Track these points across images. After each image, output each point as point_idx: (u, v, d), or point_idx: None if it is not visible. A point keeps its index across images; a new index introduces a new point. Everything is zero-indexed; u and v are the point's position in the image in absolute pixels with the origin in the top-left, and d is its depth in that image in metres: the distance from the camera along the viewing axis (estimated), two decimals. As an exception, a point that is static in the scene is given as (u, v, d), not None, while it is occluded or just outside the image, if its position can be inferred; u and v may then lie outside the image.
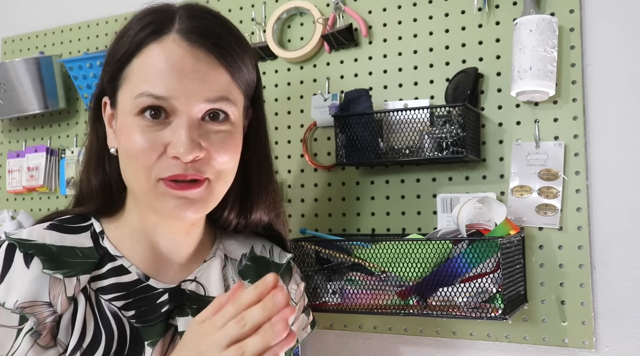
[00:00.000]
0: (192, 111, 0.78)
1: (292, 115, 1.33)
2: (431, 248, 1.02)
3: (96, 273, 0.83)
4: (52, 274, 0.78)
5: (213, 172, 0.80)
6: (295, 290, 1.00)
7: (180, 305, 0.85)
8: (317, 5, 1.29)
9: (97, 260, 0.83)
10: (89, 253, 0.83)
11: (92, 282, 0.82)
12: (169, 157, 0.78)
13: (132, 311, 0.82)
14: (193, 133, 0.78)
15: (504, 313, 0.97)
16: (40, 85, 1.53)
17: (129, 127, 0.79)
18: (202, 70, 0.79)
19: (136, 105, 0.78)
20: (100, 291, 0.82)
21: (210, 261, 0.91)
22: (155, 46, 0.79)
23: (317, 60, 1.31)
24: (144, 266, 0.86)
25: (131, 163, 0.80)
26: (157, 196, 0.79)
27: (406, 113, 1.11)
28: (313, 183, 1.31)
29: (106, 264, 0.84)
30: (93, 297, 0.82)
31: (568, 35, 1.10)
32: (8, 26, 1.77)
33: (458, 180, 1.17)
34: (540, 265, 1.10)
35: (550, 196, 1.09)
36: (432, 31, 1.21)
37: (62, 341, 0.78)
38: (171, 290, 0.85)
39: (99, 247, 0.85)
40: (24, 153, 1.64)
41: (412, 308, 1.04)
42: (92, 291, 0.82)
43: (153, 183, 0.79)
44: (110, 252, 0.85)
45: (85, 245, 0.84)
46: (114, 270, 0.84)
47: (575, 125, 1.09)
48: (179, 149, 0.76)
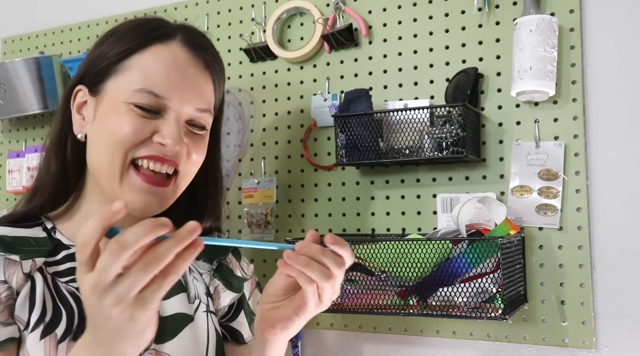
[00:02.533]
0: (182, 114, 0.86)
1: (292, 115, 1.33)
2: (431, 248, 1.02)
3: (51, 259, 0.85)
4: (7, 256, 0.81)
5: (185, 167, 0.87)
6: (246, 266, 1.05)
7: None
8: (317, 5, 1.29)
9: (51, 248, 0.86)
10: (43, 242, 0.86)
11: (48, 267, 0.85)
12: (153, 142, 0.83)
13: None
14: (181, 130, 0.85)
15: (504, 313, 0.97)
16: (40, 85, 1.53)
17: (120, 112, 0.83)
18: (198, 81, 0.88)
19: (134, 97, 0.83)
20: (57, 275, 0.85)
21: None
22: (162, 46, 0.86)
23: (317, 60, 1.31)
24: None
25: (108, 145, 0.83)
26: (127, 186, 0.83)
27: (406, 113, 1.11)
28: (313, 183, 1.31)
29: (61, 251, 0.87)
30: (50, 280, 0.84)
31: (568, 35, 1.10)
32: (8, 26, 1.77)
33: (458, 180, 1.17)
34: (540, 265, 1.10)
35: (550, 196, 1.09)
36: (432, 31, 1.21)
37: (20, 318, 0.80)
38: None
39: (52, 238, 0.88)
40: (24, 153, 1.64)
41: (412, 308, 1.04)
42: (49, 274, 0.84)
43: (125, 168, 0.83)
44: (63, 242, 0.88)
45: (38, 236, 0.87)
46: (69, 256, 0.87)
47: (575, 125, 1.09)
48: (168, 140, 0.83)
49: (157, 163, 0.83)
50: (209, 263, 0.99)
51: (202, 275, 0.98)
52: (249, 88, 1.39)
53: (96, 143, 0.86)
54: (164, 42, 0.87)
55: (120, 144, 0.82)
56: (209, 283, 0.98)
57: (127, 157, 0.83)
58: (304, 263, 0.71)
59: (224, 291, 0.99)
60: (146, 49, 0.86)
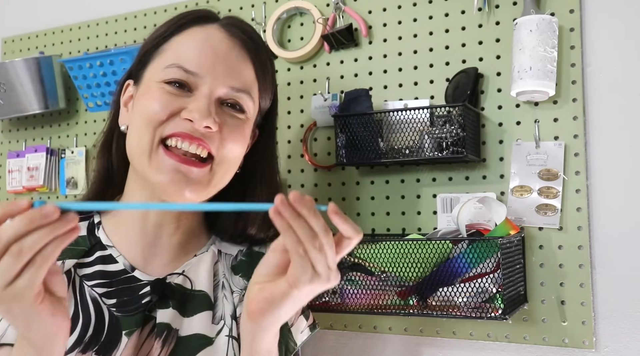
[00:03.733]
0: (214, 92, 0.81)
1: (292, 115, 1.33)
2: (431, 248, 1.02)
3: (84, 260, 0.85)
4: None
5: (220, 154, 0.82)
6: None
7: (163, 298, 0.85)
8: (317, 5, 1.29)
9: (87, 248, 0.86)
10: (81, 242, 0.86)
11: (79, 269, 0.84)
12: (181, 118, 0.80)
13: (113, 299, 0.83)
14: (212, 107, 0.80)
15: (504, 313, 0.97)
16: (40, 85, 1.53)
17: (151, 92, 0.82)
18: (233, 59, 0.83)
19: (165, 74, 0.81)
20: (85, 278, 0.84)
21: (202, 255, 0.91)
22: (198, 28, 0.85)
23: (317, 60, 1.31)
24: (132, 256, 0.87)
25: (138, 124, 0.81)
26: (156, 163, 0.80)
27: (406, 113, 1.11)
28: (313, 183, 1.31)
29: (95, 252, 0.86)
30: (77, 282, 0.83)
31: (568, 35, 1.10)
32: (8, 26, 1.77)
33: (458, 180, 1.17)
34: (540, 265, 1.10)
35: (550, 196, 1.09)
36: (432, 31, 1.21)
37: None
38: (152, 282, 0.85)
39: (92, 236, 0.87)
40: (24, 153, 1.63)
41: (412, 308, 1.04)
42: (78, 277, 0.84)
43: (155, 146, 0.80)
44: (102, 242, 0.87)
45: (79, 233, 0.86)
46: (102, 258, 0.86)
47: (575, 125, 1.09)
48: (195, 114, 0.79)
49: (186, 141, 0.79)
50: (245, 280, 0.90)
51: (234, 294, 0.89)
52: (249, 88, 1.38)
53: (131, 127, 0.85)
54: (202, 25, 0.85)
55: (148, 121, 0.80)
56: (237, 304, 0.88)
57: (156, 135, 0.80)
58: (292, 215, 0.62)
59: None
60: (183, 31, 0.85)
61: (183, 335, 0.84)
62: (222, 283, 0.90)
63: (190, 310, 0.86)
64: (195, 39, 0.84)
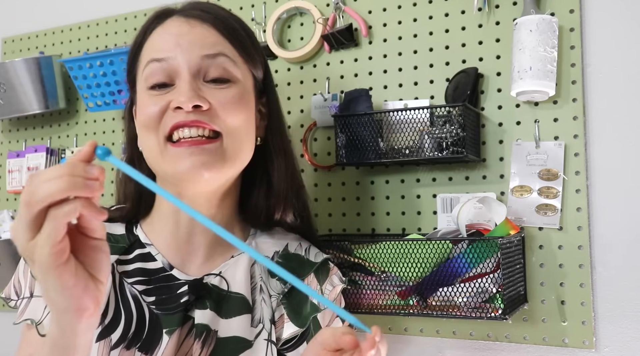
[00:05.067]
0: (191, 67, 0.82)
1: (292, 115, 1.33)
2: (431, 248, 1.02)
3: (124, 257, 0.87)
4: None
5: (223, 127, 0.82)
6: (329, 291, 0.96)
7: (200, 298, 0.85)
8: (317, 5, 1.29)
9: (127, 245, 0.87)
10: (120, 239, 0.88)
11: (119, 265, 0.86)
12: (171, 111, 0.81)
13: (152, 297, 0.85)
14: (194, 85, 0.81)
15: (504, 313, 0.97)
16: (40, 85, 1.53)
17: (142, 101, 0.84)
18: (197, 32, 0.84)
19: (145, 78, 0.84)
20: (125, 275, 0.85)
21: (239, 257, 0.91)
22: (159, 28, 0.86)
23: (317, 60, 1.31)
24: (170, 255, 0.88)
25: (143, 134, 0.84)
26: (168, 160, 0.81)
27: (406, 113, 1.11)
28: (313, 183, 1.31)
29: (135, 250, 0.88)
30: (117, 279, 0.85)
31: (568, 35, 1.10)
32: (8, 26, 1.77)
33: (458, 180, 1.17)
34: (540, 265, 1.10)
35: (550, 196, 1.09)
36: (432, 31, 1.21)
37: None
38: (190, 282, 0.86)
39: (130, 234, 0.89)
40: (24, 153, 1.63)
41: (412, 308, 1.04)
42: (117, 273, 0.85)
43: (162, 144, 0.81)
44: (140, 240, 0.89)
45: (117, 232, 0.89)
46: (141, 256, 0.87)
47: (575, 125, 1.09)
48: (180, 98, 0.80)
49: (185, 128, 0.80)
50: (282, 283, 0.90)
51: (271, 297, 0.89)
52: (249, 88, 1.39)
53: (140, 140, 0.88)
54: (161, 24, 0.87)
55: (147, 127, 0.82)
56: (275, 309, 0.89)
57: (159, 135, 0.82)
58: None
59: (287, 322, 0.89)
60: (150, 35, 0.87)
61: (222, 336, 0.84)
62: (259, 286, 0.89)
63: (226, 311, 0.86)
64: (158, 34, 0.86)
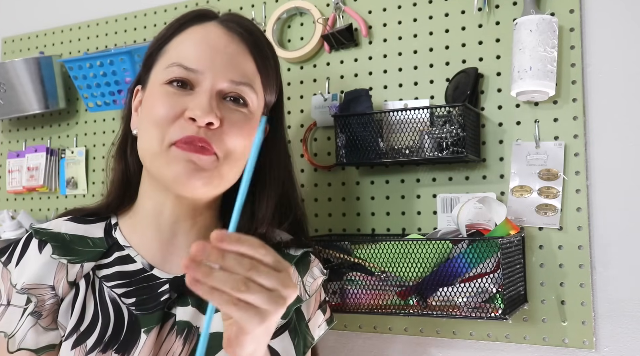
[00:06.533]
0: (215, 86, 0.82)
1: (292, 115, 1.33)
2: (431, 248, 1.02)
3: (102, 261, 0.86)
4: (59, 259, 0.83)
5: (222, 150, 0.82)
6: (310, 283, 0.95)
7: (182, 295, 0.85)
8: (317, 5, 1.29)
9: (105, 249, 0.87)
10: (99, 243, 0.88)
11: (98, 270, 0.86)
12: (184, 120, 0.81)
13: (132, 298, 0.84)
14: (212, 102, 0.81)
15: (504, 313, 0.97)
16: (40, 85, 1.53)
17: (155, 95, 0.83)
18: (232, 53, 0.84)
19: (166, 74, 0.83)
20: (105, 279, 0.85)
21: None
22: (197, 27, 0.86)
23: (317, 60, 1.31)
24: (150, 255, 0.88)
25: (148, 128, 0.83)
26: (168, 160, 0.81)
27: (406, 113, 1.11)
28: (313, 183, 1.31)
29: (113, 253, 0.87)
30: (97, 284, 0.85)
31: (568, 35, 1.10)
32: (8, 26, 1.77)
33: (458, 180, 1.17)
34: (540, 265, 1.10)
35: (550, 196, 1.09)
36: (432, 31, 1.21)
37: (62, 325, 0.82)
38: (171, 280, 0.86)
39: (109, 237, 0.89)
40: (24, 153, 1.64)
41: (412, 308, 1.04)
42: (97, 278, 0.85)
43: (165, 147, 0.81)
44: (119, 242, 0.88)
45: (96, 235, 0.88)
46: (120, 259, 0.87)
47: (575, 125, 1.09)
48: (196, 111, 0.79)
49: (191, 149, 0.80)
50: None
51: None
52: (249, 88, 1.38)
53: (140, 131, 0.87)
54: (201, 23, 0.87)
55: (155, 124, 0.81)
56: None
57: (165, 138, 0.81)
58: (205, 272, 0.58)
59: None
60: (183, 31, 0.86)
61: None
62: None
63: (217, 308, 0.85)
64: (194, 37, 0.85)
